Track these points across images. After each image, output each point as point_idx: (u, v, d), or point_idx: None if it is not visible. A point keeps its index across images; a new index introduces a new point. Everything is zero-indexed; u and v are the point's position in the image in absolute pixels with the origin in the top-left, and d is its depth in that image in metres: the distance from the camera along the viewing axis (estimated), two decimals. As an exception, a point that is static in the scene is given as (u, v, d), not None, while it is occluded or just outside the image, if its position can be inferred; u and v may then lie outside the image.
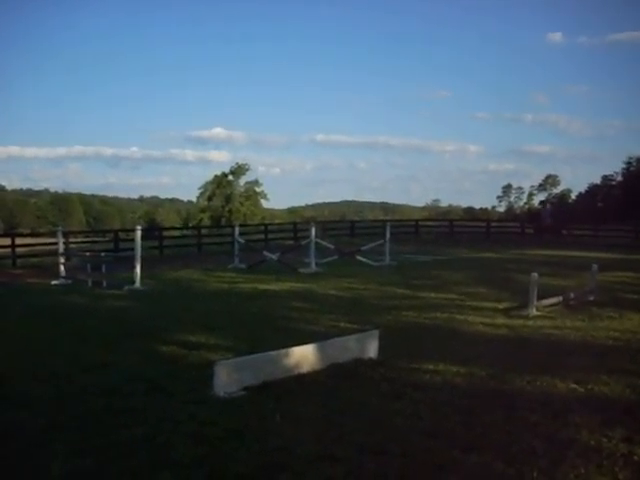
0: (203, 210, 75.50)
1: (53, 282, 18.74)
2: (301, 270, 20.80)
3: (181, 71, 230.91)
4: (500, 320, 11.74)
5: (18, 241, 27.22)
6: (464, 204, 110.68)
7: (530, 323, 11.45)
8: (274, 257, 22.64)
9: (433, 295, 14.96)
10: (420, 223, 45.41)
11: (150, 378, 7.59)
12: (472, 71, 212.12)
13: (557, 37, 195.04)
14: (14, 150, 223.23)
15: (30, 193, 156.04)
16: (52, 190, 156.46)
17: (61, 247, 20.60)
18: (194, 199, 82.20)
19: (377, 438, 5.62)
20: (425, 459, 5.15)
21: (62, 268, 19.60)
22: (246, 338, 10.01)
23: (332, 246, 24.34)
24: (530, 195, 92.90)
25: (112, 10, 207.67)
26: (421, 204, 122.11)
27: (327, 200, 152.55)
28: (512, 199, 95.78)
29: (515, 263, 23.01)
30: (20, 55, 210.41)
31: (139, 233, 18.25)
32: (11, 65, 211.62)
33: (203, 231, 41.80)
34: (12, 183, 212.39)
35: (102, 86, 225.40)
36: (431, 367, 8.15)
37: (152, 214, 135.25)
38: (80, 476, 4.84)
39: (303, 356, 7.81)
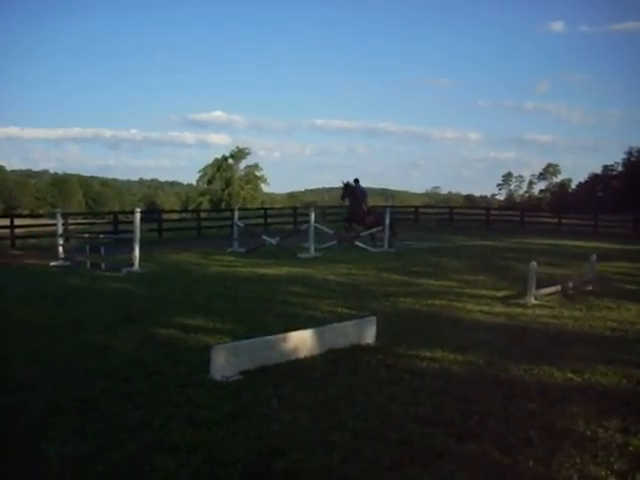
0: (203, 193, 75.51)
1: (52, 263, 18.73)
2: (300, 255, 20.81)
3: (181, 54, 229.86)
4: (498, 308, 11.75)
5: (17, 222, 27.24)
6: (464, 192, 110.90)
7: (528, 312, 11.46)
8: (273, 241, 22.64)
9: (432, 282, 14.96)
10: (420, 210, 45.41)
11: (148, 362, 7.61)
12: (474, 59, 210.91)
13: (559, 26, 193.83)
14: (13, 130, 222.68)
15: (30, 174, 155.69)
16: (52, 171, 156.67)
17: (60, 228, 20.57)
18: (194, 182, 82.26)
19: (374, 424, 5.63)
20: (422, 446, 5.16)
21: (61, 250, 19.59)
22: (244, 322, 10.01)
23: (331, 231, 24.34)
24: (530, 184, 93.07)
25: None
26: (421, 191, 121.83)
27: (327, 185, 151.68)
28: (512, 187, 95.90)
29: (514, 252, 23.02)
30: (20, 36, 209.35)
31: (138, 216, 18.23)
32: (11, 46, 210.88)
33: (202, 214, 41.87)
34: (11, 164, 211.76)
35: (102, 68, 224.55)
36: (429, 354, 8.15)
37: (152, 197, 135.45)
38: (78, 460, 4.84)
39: (301, 341, 7.81)
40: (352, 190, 25.82)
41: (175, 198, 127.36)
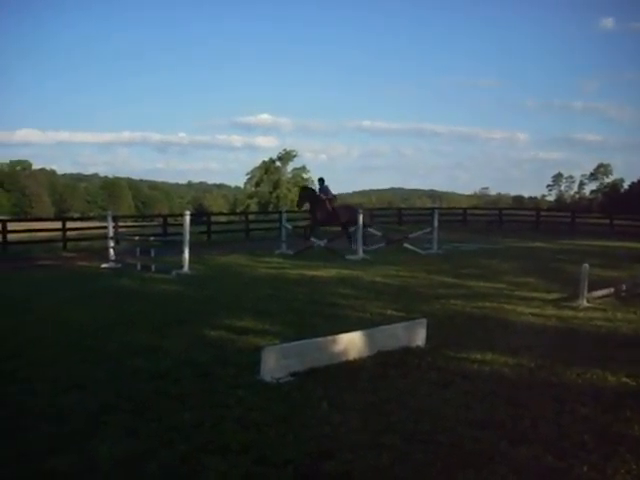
0: (250, 196, 76.10)
1: (103, 265, 18.98)
2: (348, 257, 20.77)
3: (227, 57, 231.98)
4: (550, 311, 11.58)
5: (69, 225, 27.67)
6: (513, 193, 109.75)
7: (580, 314, 11.27)
8: (321, 243, 22.66)
9: (481, 284, 14.81)
10: (468, 211, 45.02)
11: (198, 363, 7.67)
12: (521, 58, 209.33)
13: (609, 22, 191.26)
14: (64, 135, 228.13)
15: (80, 178, 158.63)
16: (102, 175, 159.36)
17: (111, 231, 20.83)
18: (242, 185, 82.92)
19: (425, 427, 5.60)
20: (473, 450, 5.12)
21: (112, 252, 19.84)
22: (293, 324, 10.04)
23: (379, 233, 24.24)
24: (581, 184, 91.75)
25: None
26: (469, 192, 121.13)
27: (374, 187, 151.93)
28: (562, 188, 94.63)
29: (565, 253, 22.70)
30: (68, 40, 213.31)
31: (188, 218, 18.36)
32: (59, 50, 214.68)
33: (250, 217, 41.98)
34: (62, 168, 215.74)
35: (150, 71, 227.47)
36: (479, 357, 8.07)
37: (200, 199, 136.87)
38: (129, 460, 4.91)
39: (351, 343, 7.81)
40: (311, 195, 24.12)
41: (223, 200, 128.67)
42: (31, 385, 6.85)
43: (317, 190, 24.49)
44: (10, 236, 24.82)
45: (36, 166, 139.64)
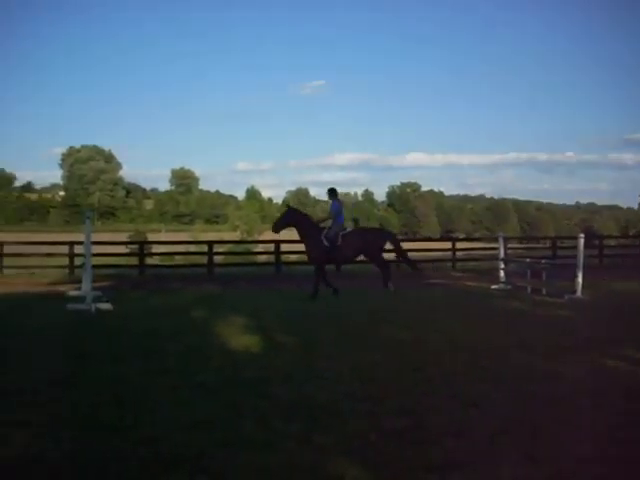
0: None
1: (492, 287, 19.23)
2: None
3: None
4: None
5: (457, 245, 28.53)
6: None
7: None
8: None
9: None
10: None
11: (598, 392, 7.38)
12: None
13: None
14: (452, 158, 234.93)
15: (466, 198, 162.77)
16: (487, 196, 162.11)
17: (502, 252, 20.99)
18: (635, 206, 78.63)
19: None
20: None
21: (502, 273, 20.01)
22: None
23: None
24: None
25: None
26: None
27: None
28: None
29: None
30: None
31: (582, 241, 17.94)
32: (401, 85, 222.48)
33: (646, 241, 39.67)
34: (449, 189, 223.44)
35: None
36: None
37: (588, 221, 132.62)
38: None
39: None
40: (293, 218, 17.08)
41: (612, 223, 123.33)
42: (430, 400, 7.09)
43: (330, 206, 17.52)
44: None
45: (425, 188, 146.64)
